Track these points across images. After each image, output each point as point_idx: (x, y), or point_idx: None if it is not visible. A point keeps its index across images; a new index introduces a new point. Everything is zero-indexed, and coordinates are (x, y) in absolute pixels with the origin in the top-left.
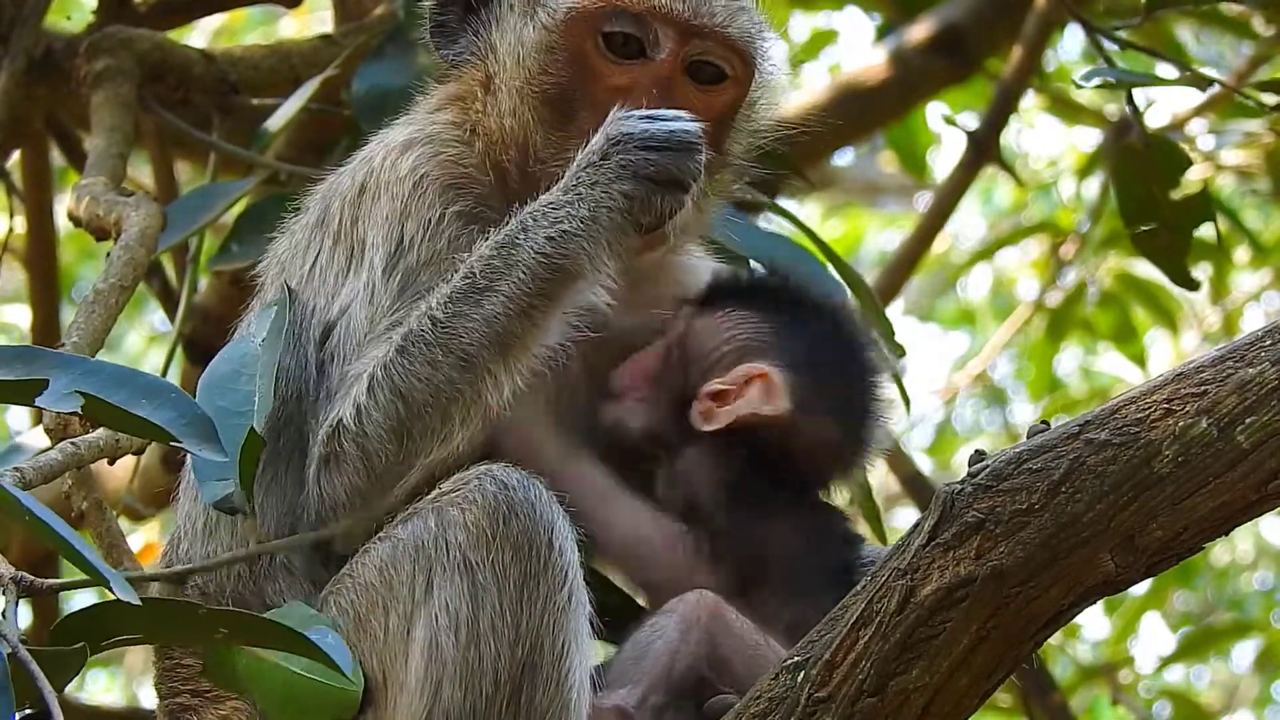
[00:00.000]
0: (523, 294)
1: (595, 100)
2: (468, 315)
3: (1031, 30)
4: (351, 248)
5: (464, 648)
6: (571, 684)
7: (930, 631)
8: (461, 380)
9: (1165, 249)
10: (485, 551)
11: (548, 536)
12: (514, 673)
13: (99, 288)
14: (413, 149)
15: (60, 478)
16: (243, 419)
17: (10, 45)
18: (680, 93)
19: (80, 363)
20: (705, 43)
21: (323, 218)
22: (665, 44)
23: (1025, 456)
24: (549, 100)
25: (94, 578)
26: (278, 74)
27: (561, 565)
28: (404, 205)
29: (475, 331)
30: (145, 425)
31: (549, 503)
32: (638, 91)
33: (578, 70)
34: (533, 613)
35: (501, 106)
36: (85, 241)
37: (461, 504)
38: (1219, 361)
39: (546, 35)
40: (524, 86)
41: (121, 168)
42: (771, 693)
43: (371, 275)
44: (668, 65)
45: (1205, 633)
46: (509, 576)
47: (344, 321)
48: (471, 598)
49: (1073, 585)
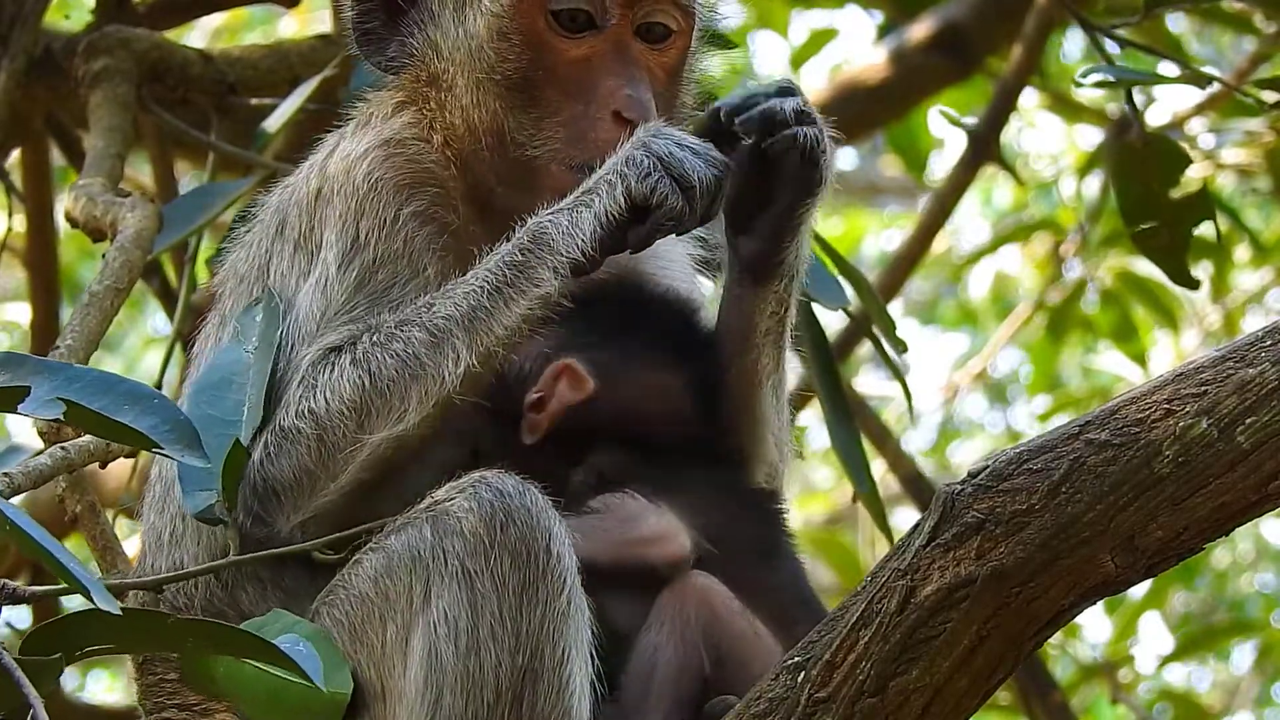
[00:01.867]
0: (498, 270)
1: (558, 76)
2: (450, 293)
3: (1032, 29)
4: (311, 253)
5: (464, 656)
6: (573, 690)
7: (930, 632)
8: (429, 356)
9: (1165, 247)
10: (483, 559)
11: (545, 543)
12: (515, 680)
13: (94, 290)
14: (369, 154)
15: (54, 481)
16: (230, 428)
17: (9, 44)
18: (636, 55)
19: (63, 369)
20: (650, 4)
21: (281, 227)
22: (613, 11)
23: (1025, 457)
24: (513, 85)
25: (74, 587)
26: (276, 74)
27: (560, 571)
28: (358, 205)
29: (450, 306)
30: (128, 432)
31: (545, 509)
32: (596, 60)
33: (534, 51)
34: (532, 620)
35: (462, 100)
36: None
37: (458, 512)
38: (1219, 362)
39: (497, 22)
40: (484, 77)
41: (120, 168)
42: (772, 693)
43: (325, 270)
44: (618, 31)
45: (1205, 632)
46: (508, 584)
47: (293, 315)
48: (470, 606)
49: (1073, 586)
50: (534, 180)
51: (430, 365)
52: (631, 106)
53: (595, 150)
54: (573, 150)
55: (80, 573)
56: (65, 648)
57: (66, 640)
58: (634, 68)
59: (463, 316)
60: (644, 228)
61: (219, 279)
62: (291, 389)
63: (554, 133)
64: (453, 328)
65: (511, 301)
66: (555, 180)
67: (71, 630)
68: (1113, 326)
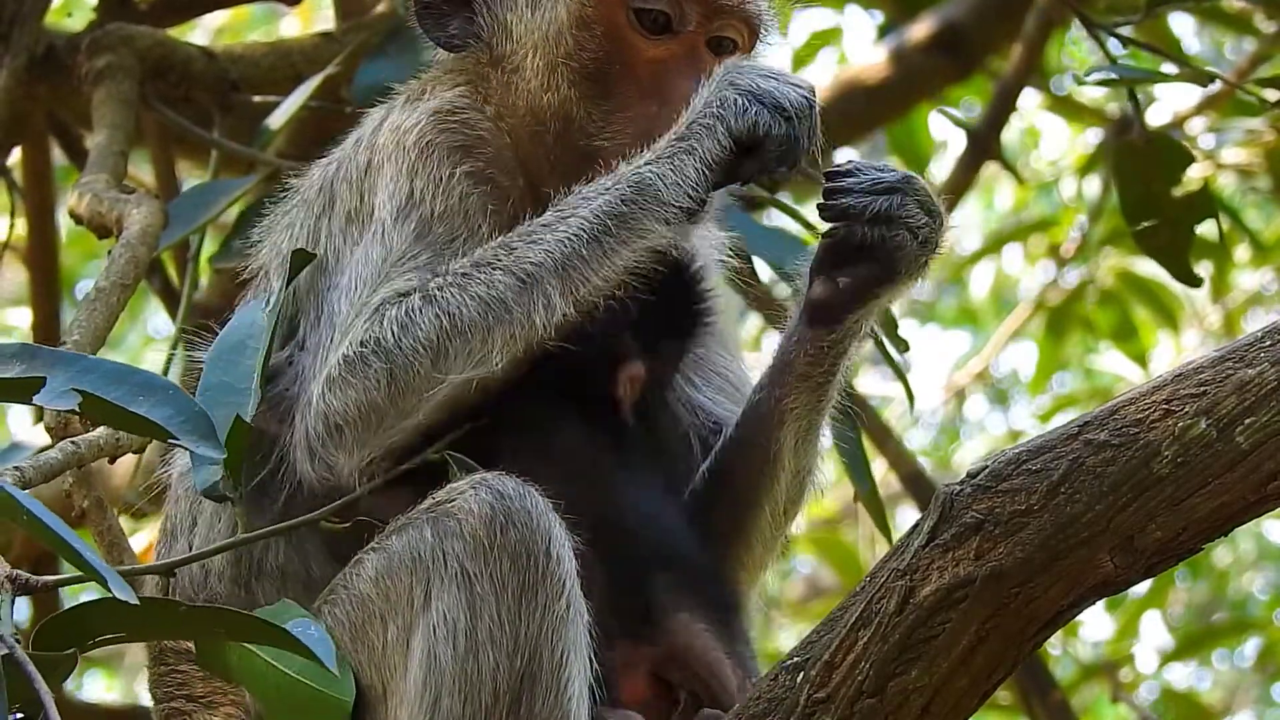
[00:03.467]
0: (598, 221)
1: (633, 73)
2: (542, 240)
3: (1032, 28)
4: (363, 221)
5: (462, 658)
6: (571, 694)
7: (929, 632)
8: (516, 300)
9: (1167, 246)
10: (483, 562)
11: (545, 545)
12: (513, 683)
13: (100, 286)
14: (421, 122)
15: (61, 476)
16: (242, 397)
17: (11, 42)
18: (707, 62)
19: (78, 360)
20: (724, 19)
21: (330, 203)
22: (692, 19)
23: (1024, 457)
24: (588, 75)
25: (90, 575)
26: (278, 71)
27: (560, 575)
28: (411, 166)
29: (540, 253)
30: (142, 422)
31: (545, 511)
32: (672, 63)
33: (613, 44)
34: (531, 622)
35: (530, 83)
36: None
37: (458, 514)
38: (1218, 362)
39: (580, 9)
40: (561, 63)
41: (122, 165)
42: (771, 694)
43: (380, 225)
44: (693, 39)
45: (1206, 630)
46: (507, 587)
47: (350, 266)
48: (469, 608)
49: (1072, 586)
50: (592, 169)
51: (518, 309)
52: None
53: None
54: (642, 147)
55: (96, 561)
56: (78, 638)
57: (79, 630)
58: (705, 76)
59: (555, 264)
60: (754, 162)
61: (260, 262)
62: (357, 326)
63: (623, 127)
64: (544, 274)
65: (613, 252)
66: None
67: (84, 620)
68: (1113, 326)
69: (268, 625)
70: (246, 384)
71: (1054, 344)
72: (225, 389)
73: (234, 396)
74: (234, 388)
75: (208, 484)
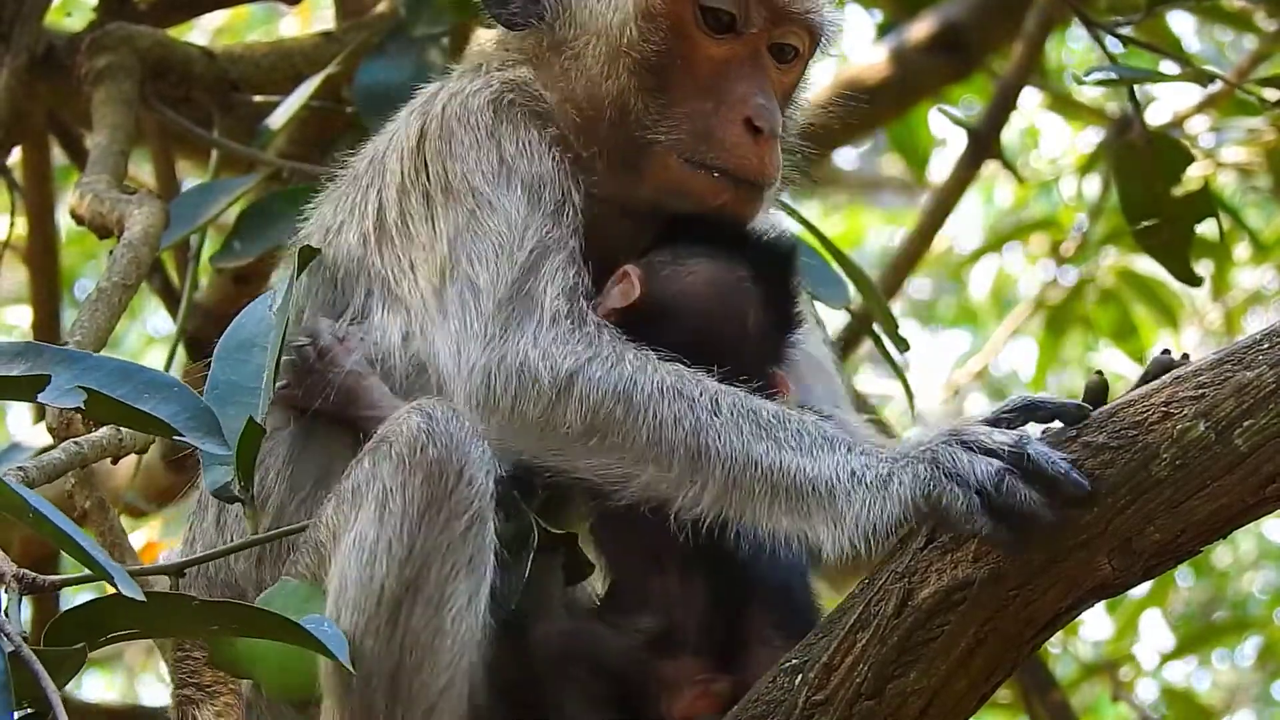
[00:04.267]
0: (791, 480)
1: (693, 70)
2: (742, 434)
3: (1032, 27)
4: (426, 194)
5: (362, 569)
6: (452, 606)
7: (928, 634)
8: (681, 463)
9: (1167, 245)
10: (400, 479)
11: (459, 467)
12: (398, 591)
13: (102, 286)
14: (487, 88)
15: (63, 477)
16: (251, 396)
17: (11, 42)
18: (766, 69)
19: (83, 358)
20: (788, 26)
21: (379, 175)
22: (756, 22)
23: None
24: (650, 67)
25: (98, 573)
26: (279, 71)
27: (468, 496)
28: (490, 129)
29: (730, 451)
30: (149, 420)
31: (470, 437)
32: (734, 64)
33: (677, 39)
34: (429, 536)
35: (591, 70)
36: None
37: (390, 437)
38: (1217, 364)
39: (649, 3)
40: (623, 53)
41: (124, 165)
42: (769, 696)
43: (479, 193)
44: (755, 42)
45: (1206, 629)
46: (414, 501)
47: (462, 242)
48: (379, 521)
49: (1070, 588)
50: (643, 163)
51: (675, 467)
52: (763, 115)
53: (720, 151)
54: (697, 145)
55: (104, 560)
56: (88, 635)
57: (89, 627)
58: (765, 79)
59: (736, 474)
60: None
61: (303, 235)
62: (532, 314)
63: (680, 123)
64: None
65: (778, 510)
66: (667, 170)
67: (94, 617)
68: (1113, 325)
69: (281, 620)
70: (255, 383)
71: (1054, 343)
72: (233, 387)
73: (242, 395)
74: (242, 386)
75: (218, 484)
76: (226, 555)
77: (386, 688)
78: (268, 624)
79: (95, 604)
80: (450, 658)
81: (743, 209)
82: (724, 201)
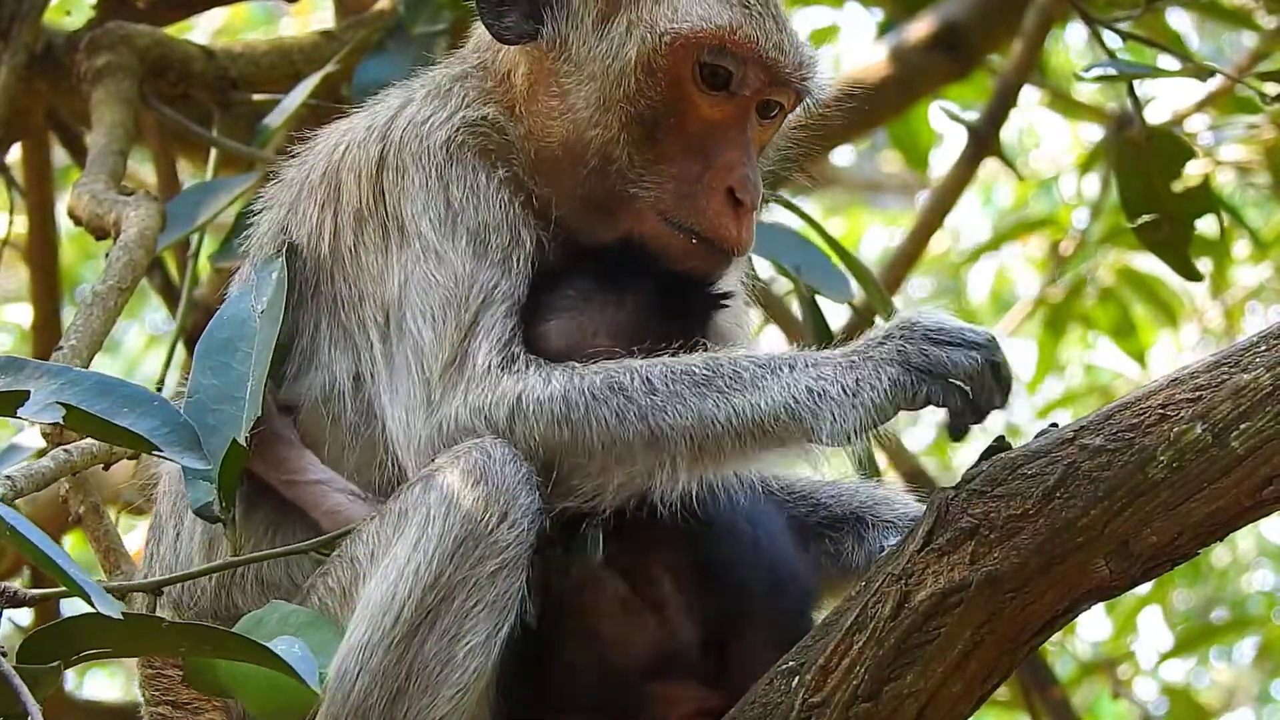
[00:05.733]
0: (750, 420)
1: (684, 128)
2: (685, 401)
3: (1031, 26)
4: (384, 226)
5: (387, 586)
6: (468, 642)
7: (925, 637)
8: (641, 452)
9: (1167, 241)
10: (444, 508)
11: (504, 509)
12: (416, 615)
13: (98, 289)
14: (449, 121)
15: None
16: (234, 406)
17: (10, 40)
18: (751, 129)
19: (64, 372)
20: (783, 89)
21: (334, 195)
22: (752, 84)
23: (1019, 462)
24: (640, 120)
25: (75, 591)
26: (278, 70)
27: (506, 538)
28: (440, 172)
29: (683, 421)
30: (128, 435)
31: (521, 483)
32: (724, 126)
33: (673, 96)
34: (459, 569)
35: (578, 114)
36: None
37: (446, 467)
38: (1214, 367)
39: (649, 55)
40: (617, 103)
41: (122, 165)
42: (766, 698)
43: (426, 240)
44: (747, 103)
45: (1205, 628)
46: (452, 532)
47: (409, 292)
48: (414, 545)
49: (1067, 591)
50: (618, 212)
51: (640, 458)
52: (747, 188)
53: (700, 217)
54: (678, 207)
55: (80, 577)
56: (63, 651)
57: (65, 644)
58: (751, 144)
59: (700, 437)
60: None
61: (249, 243)
62: (477, 391)
63: (665, 182)
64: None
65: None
66: (643, 224)
67: (70, 634)
68: (1112, 323)
69: (251, 643)
70: (240, 392)
71: (1053, 341)
72: (216, 394)
73: (225, 405)
74: (226, 394)
75: (201, 503)
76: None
77: (385, 708)
78: (236, 646)
79: (70, 622)
80: (455, 691)
81: (710, 270)
82: (695, 265)
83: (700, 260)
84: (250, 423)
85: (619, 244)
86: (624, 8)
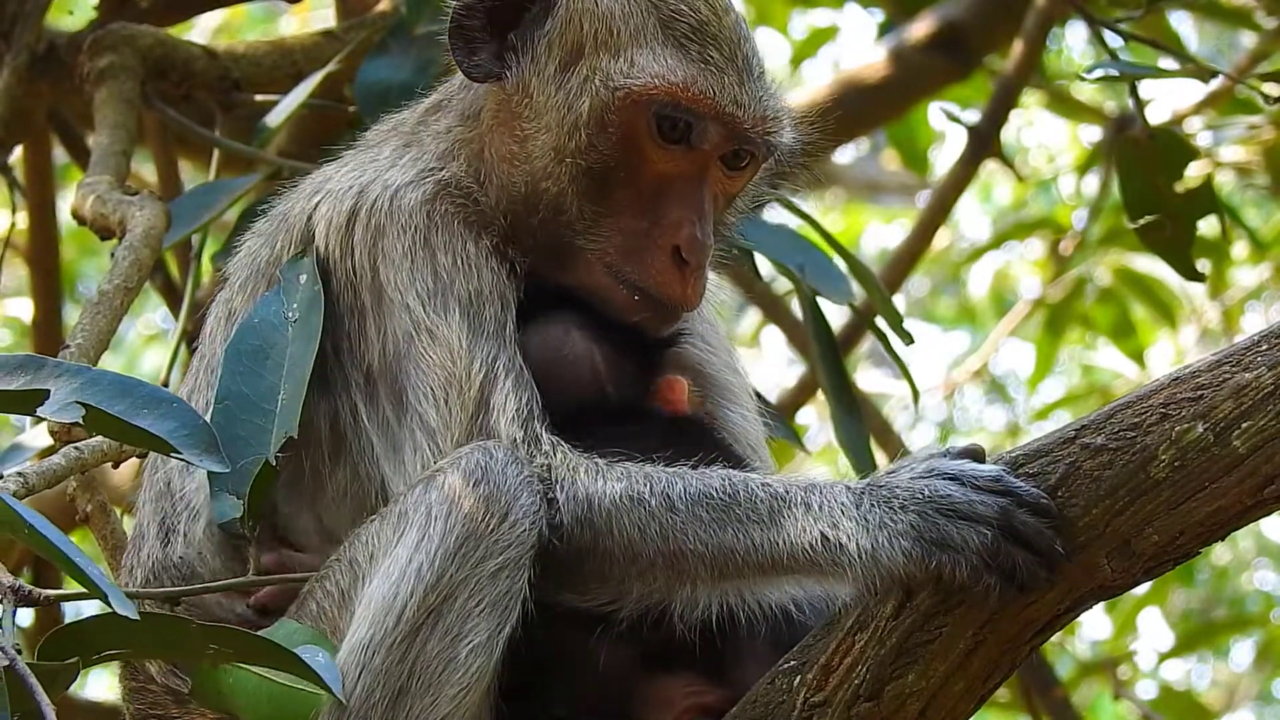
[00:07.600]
0: (768, 558)
1: (636, 182)
2: (705, 527)
3: (1032, 26)
4: (372, 293)
5: (389, 586)
6: (470, 642)
7: (926, 636)
8: (662, 571)
9: (1169, 241)
10: (445, 507)
11: (505, 509)
12: (418, 615)
13: (103, 289)
14: (417, 187)
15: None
16: (264, 418)
17: (12, 41)
18: (711, 183)
19: (82, 372)
20: (746, 145)
21: (307, 238)
22: (711, 137)
23: (1021, 461)
24: (591, 173)
25: (94, 592)
26: (280, 70)
27: (507, 538)
28: (424, 238)
29: (703, 548)
30: (147, 436)
31: (522, 484)
32: (677, 182)
33: (627, 149)
34: (460, 568)
35: (534, 164)
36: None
37: (447, 469)
38: (1215, 366)
39: (603, 109)
40: (570, 156)
41: (125, 165)
42: (767, 697)
43: (419, 323)
44: (706, 156)
45: (1205, 627)
46: (453, 531)
47: (405, 368)
48: (416, 546)
49: (1069, 590)
50: (570, 262)
51: (660, 577)
52: (693, 248)
53: (644, 274)
54: (624, 262)
55: (99, 577)
56: (82, 651)
57: (83, 644)
58: (705, 202)
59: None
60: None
61: (231, 266)
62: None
63: (611, 236)
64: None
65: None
66: (591, 275)
67: (89, 634)
68: (1112, 324)
69: (277, 648)
70: (270, 404)
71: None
72: (244, 402)
73: (254, 414)
74: (256, 405)
75: (226, 518)
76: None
77: (387, 708)
78: (265, 652)
79: (89, 622)
80: (457, 690)
81: (658, 326)
82: (642, 318)
83: (646, 314)
84: (281, 441)
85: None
86: (585, 57)
